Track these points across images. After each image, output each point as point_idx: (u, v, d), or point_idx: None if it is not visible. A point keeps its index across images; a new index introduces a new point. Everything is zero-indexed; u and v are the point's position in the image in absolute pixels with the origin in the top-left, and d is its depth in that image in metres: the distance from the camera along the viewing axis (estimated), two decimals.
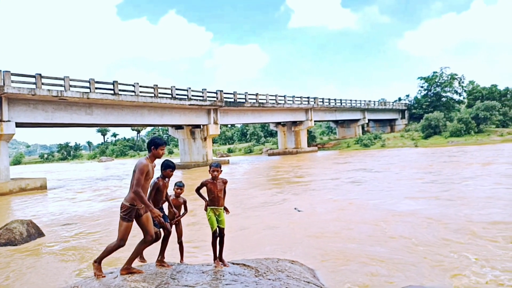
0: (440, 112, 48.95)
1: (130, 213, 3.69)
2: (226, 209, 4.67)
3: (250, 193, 14.72)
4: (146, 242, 3.85)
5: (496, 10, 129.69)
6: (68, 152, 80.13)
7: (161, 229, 4.23)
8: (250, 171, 26.38)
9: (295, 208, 10.35)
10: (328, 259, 6.11)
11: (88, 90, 23.23)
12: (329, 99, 46.78)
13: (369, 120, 55.40)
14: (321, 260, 6.04)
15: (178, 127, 34.27)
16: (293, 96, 41.74)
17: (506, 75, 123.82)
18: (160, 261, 4.43)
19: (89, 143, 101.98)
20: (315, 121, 46.63)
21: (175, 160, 42.08)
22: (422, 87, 60.92)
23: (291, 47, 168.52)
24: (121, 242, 3.74)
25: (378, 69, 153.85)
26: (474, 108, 45.03)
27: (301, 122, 44.27)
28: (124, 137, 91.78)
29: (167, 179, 4.34)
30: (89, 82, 23.36)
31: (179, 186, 4.71)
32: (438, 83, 58.82)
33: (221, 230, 4.51)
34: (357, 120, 53.25)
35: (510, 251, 5.99)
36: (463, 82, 59.22)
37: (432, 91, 59.41)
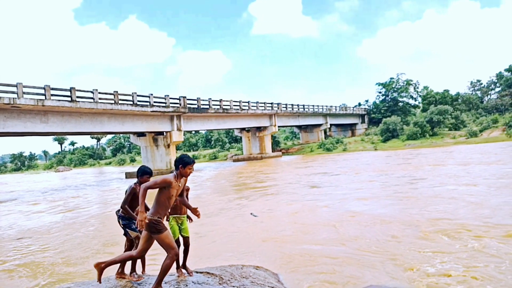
0: (397, 117, 51.08)
1: (159, 225, 3.60)
2: (189, 218, 4.61)
3: (209, 199, 14.66)
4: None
5: (446, 19, 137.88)
6: (22, 163, 76.01)
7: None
8: (213, 177, 26.22)
9: (251, 213, 10.42)
10: (290, 262, 6.17)
11: (43, 97, 22.20)
12: (292, 105, 47.52)
13: (331, 125, 56.78)
14: (283, 264, 6.09)
15: (140, 134, 33.49)
16: (257, 102, 42.04)
17: (457, 80, 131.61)
18: (120, 273, 4.30)
19: (45, 152, 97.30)
20: (279, 126, 47.17)
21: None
22: (380, 92, 63.35)
23: (254, 53, 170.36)
24: (174, 251, 3.62)
25: (339, 75, 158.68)
26: (428, 112, 47.33)
27: (265, 128, 44.62)
28: (83, 146, 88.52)
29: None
30: (44, 88, 22.33)
31: None
32: (395, 89, 61.41)
33: (186, 239, 4.43)
34: (319, 125, 54.42)
35: (455, 245, 6.33)
36: (418, 88, 62.24)
37: (389, 96, 61.90)
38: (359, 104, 67.20)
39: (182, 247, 4.41)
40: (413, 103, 62.87)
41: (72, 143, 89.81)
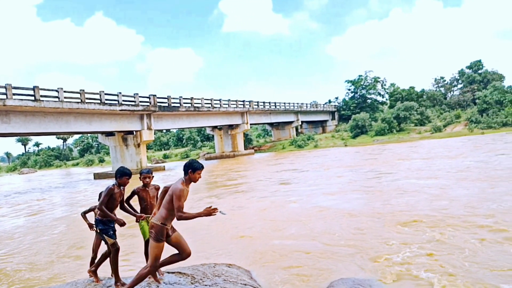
0: (366, 113, 52.37)
1: (161, 232, 3.58)
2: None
3: None
4: (181, 258, 3.77)
5: (412, 18, 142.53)
6: None
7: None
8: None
9: (220, 211, 10.41)
10: (262, 258, 6.23)
11: (4, 97, 21.21)
12: (264, 103, 47.71)
13: (302, 121, 57.46)
14: (255, 260, 6.14)
15: (109, 134, 32.63)
16: (229, 100, 41.93)
17: (422, 77, 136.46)
18: (94, 272, 4.22)
19: (7, 154, 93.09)
20: (251, 124, 47.25)
21: (107, 168, 40.04)
22: (349, 89, 64.69)
23: (225, 51, 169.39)
24: (155, 263, 3.60)
25: (310, 72, 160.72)
26: (395, 108, 48.81)
27: (237, 126, 44.58)
28: (49, 146, 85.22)
29: (122, 187, 4.13)
30: (5, 87, 21.31)
31: None
32: (364, 86, 62.89)
33: None
34: (291, 122, 54.95)
35: (417, 236, 6.61)
36: (385, 85, 64.03)
37: (358, 93, 63.34)
38: (330, 101, 68.36)
39: None
40: (380, 99, 64.61)
41: (37, 144, 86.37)
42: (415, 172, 15.04)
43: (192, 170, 3.66)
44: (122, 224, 3.97)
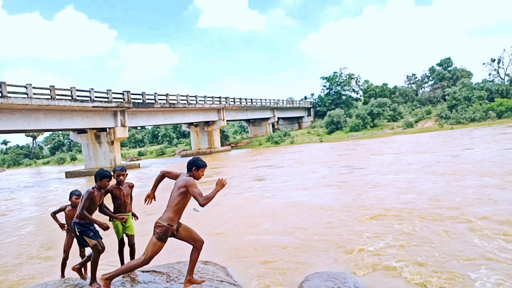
0: (341, 109, 53.17)
1: (166, 233, 3.54)
2: (134, 215, 4.49)
3: None
4: (198, 249, 3.75)
5: (385, 16, 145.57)
6: None
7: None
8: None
9: (193, 209, 10.39)
10: (237, 254, 6.27)
11: None
12: (240, 99, 47.65)
13: (278, 118, 57.77)
14: (231, 256, 6.17)
15: (81, 131, 31.77)
16: (205, 96, 41.63)
17: (394, 74, 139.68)
18: (79, 269, 4.13)
19: None
20: (227, 120, 47.11)
21: (79, 167, 38.96)
22: (324, 86, 65.44)
23: (201, 47, 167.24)
24: (149, 260, 3.52)
25: (286, 69, 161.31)
26: (369, 105, 49.81)
27: (213, 122, 44.34)
28: (17, 145, 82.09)
29: (102, 190, 4.02)
30: None
31: (77, 195, 4.40)
32: (338, 83, 63.80)
33: (130, 237, 4.32)
34: (267, 119, 55.15)
35: (388, 228, 6.85)
36: (359, 81, 65.21)
37: (333, 90, 64.19)
38: (305, 98, 68.99)
39: (127, 247, 4.31)
40: (355, 96, 65.80)
41: (5, 142, 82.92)
42: (387, 167, 15.45)
43: (196, 167, 3.70)
44: (106, 228, 3.90)
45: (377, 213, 7.92)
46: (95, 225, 3.98)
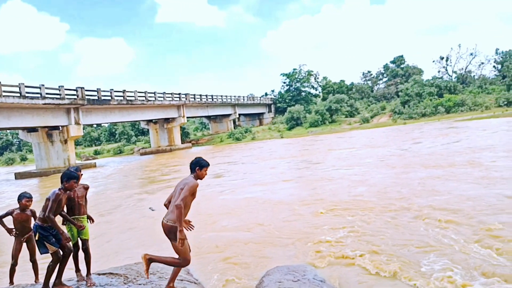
0: (300, 106, 54.11)
1: (175, 231, 3.56)
2: (90, 218, 4.36)
3: (107, 196, 14.01)
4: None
5: (342, 14, 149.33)
6: None
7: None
8: (116, 173, 24.88)
9: (149, 208, 10.29)
10: (198, 252, 6.25)
11: None
12: (200, 95, 47.16)
13: (240, 114, 57.81)
14: (192, 254, 6.13)
15: (32, 129, 30.08)
16: (164, 93, 40.80)
17: (351, 71, 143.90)
18: (58, 284, 3.91)
19: None
20: (188, 117, 46.48)
21: (30, 167, 36.88)
22: (284, 82, 66.23)
23: (160, 42, 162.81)
24: (186, 261, 3.71)
25: (246, 65, 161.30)
26: (327, 101, 51.06)
27: (173, 119, 43.59)
28: None
29: (68, 191, 3.83)
30: None
31: (28, 197, 4.21)
32: (298, 79, 64.82)
33: (84, 242, 4.18)
34: (228, 115, 55.02)
35: (344, 219, 7.15)
36: (318, 78, 66.57)
37: (293, 87, 65.15)
38: (266, 94, 69.49)
39: (81, 252, 4.18)
40: (314, 92, 67.07)
41: None
42: (342, 161, 16.02)
43: (200, 167, 3.78)
44: (67, 239, 3.73)
45: (332, 206, 8.22)
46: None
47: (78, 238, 4.16)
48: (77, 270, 4.16)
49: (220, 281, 5.04)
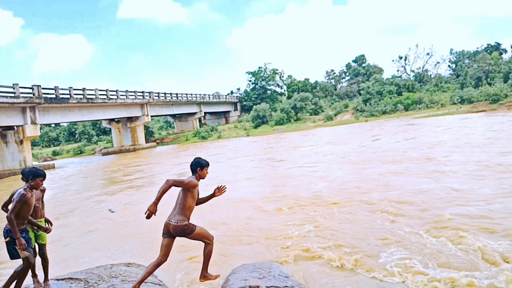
0: (266, 104, 54.51)
1: (188, 228, 3.83)
2: (49, 222, 4.22)
3: (65, 198, 13.54)
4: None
5: (306, 13, 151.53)
6: None
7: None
8: (75, 174, 23.97)
9: (109, 210, 10.09)
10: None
11: None
12: (165, 94, 46.35)
13: (205, 113, 57.37)
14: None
15: None
16: (127, 91, 39.73)
17: (315, 70, 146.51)
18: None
19: None
20: (152, 116, 45.56)
21: None
22: (250, 81, 66.38)
23: (121, 39, 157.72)
24: (211, 238, 3.98)
25: (212, 63, 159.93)
26: (292, 99, 51.74)
27: (137, 118, 42.57)
28: None
29: (35, 190, 3.63)
30: None
31: None
32: (263, 78, 65.17)
33: (42, 247, 4.04)
34: (194, 114, 54.46)
35: (308, 215, 7.35)
36: (283, 76, 67.28)
37: (259, 85, 65.44)
38: (232, 92, 69.38)
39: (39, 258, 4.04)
40: (279, 91, 67.70)
41: None
42: (305, 159, 16.37)
43: (201, 167, 3.90)
44: (23, 247, 3.51)
45: (295, 203, 8.39)
46: (29, 236, 3.65)
47: (35, 243, 4.02)
48: (34, 275, 4.02)
49: (185, 281, 5.03)
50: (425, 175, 9.71)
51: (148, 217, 3.58)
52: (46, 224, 4.17)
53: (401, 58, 60.34)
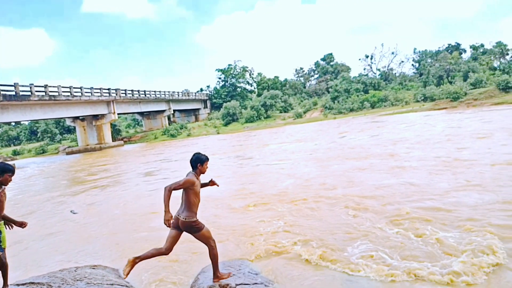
0: (236, 101, 54.50)
1: (196, 225, 3.91)
2: (8, 224, 4.05)
3: (24, 199, 13.04)
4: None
5: (274, 11, 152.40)
6: None
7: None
8: (36, 175, 23.00)
9: (71, 211, 9.83)
10: (132, 253, 6.10)
11: None
12: (132, 91, 45.33)
13: (174, 110, 56.58)
14: (122, 257, 5.96)
15: None
16: (92, 88, 38.55)
17: (285, 67, 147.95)
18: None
19: None
20: (118, 113, 44.46)
21: None
22: (220, 78, 66.12)
23: (86, 34, 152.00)
24: (213, 242, 4.04)
25: (181, 60, 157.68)
26: (262, 96, 52.06)
27: (103, 116, 41.40)
28: None
29: (3, 186, 3.45)
30: None
31: None
32: (233, 75, 65.07)
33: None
34: (163, 111, 53.59)
35: (276, 211, 7.45)
36: (253, 74, 67.48)
37: (228, 82, 65.30)
38: (201, 90, 68.80)
39: None
40: (249, 88, 67.87)
41: None
42: (273, 156, 16.59)
43: (201, 163, 4.05)
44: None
45: (262, 200, 8.48)
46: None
47: None
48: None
49: (153, 281, 4.99)
50: (387, 170, 10.08)
51: (169, 225, 3.84)
52: (6, 227, 4.02)
53: (367, 57, 62.03)
